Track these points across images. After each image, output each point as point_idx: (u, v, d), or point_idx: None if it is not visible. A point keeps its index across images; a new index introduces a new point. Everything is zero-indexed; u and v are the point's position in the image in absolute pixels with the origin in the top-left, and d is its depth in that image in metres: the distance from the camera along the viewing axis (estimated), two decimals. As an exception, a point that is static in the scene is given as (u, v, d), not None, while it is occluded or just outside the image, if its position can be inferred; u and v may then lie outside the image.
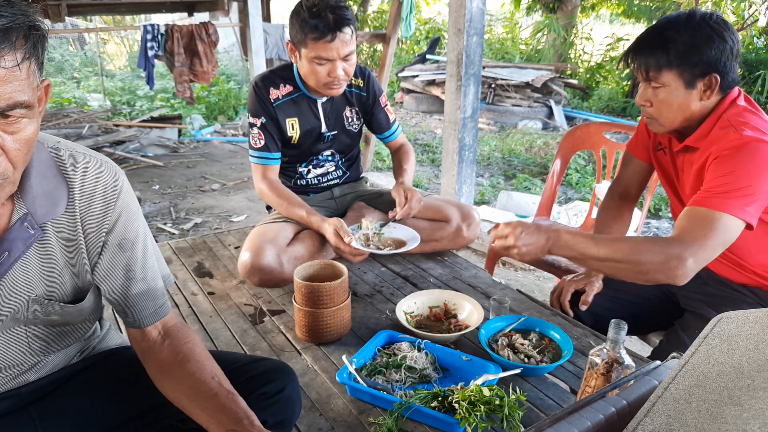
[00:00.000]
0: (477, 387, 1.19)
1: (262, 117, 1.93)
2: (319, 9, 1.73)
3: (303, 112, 1.97)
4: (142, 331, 1.06)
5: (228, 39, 10.78)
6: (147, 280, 1.05)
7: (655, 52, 1.35)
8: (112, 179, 0.98)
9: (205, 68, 5.72)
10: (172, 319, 1.10)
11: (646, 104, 1.43)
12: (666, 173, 1.61)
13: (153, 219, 4.26)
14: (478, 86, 3.22)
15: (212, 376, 0.99)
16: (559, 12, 9.96)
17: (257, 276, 1.80)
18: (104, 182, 0.97)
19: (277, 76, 1.95)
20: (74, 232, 0.96)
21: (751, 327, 0.68)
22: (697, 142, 1.42)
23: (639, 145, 1.69)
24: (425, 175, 5.47)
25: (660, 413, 0.66)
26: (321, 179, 2.14)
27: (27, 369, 1.03)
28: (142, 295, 1.04)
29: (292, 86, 1.95)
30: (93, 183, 0.96)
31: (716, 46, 1.31)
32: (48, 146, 0.94)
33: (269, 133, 1.95)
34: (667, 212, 4.37)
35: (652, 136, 1.63)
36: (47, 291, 0.96)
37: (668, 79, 1.36)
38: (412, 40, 11.27)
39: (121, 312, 1.06)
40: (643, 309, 1.65)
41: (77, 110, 6.38)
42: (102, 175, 0.97)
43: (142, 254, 1.04)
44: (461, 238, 2.07)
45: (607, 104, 8.64)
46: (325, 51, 1.76)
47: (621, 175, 1.77)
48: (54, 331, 1.02)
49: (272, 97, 1.93)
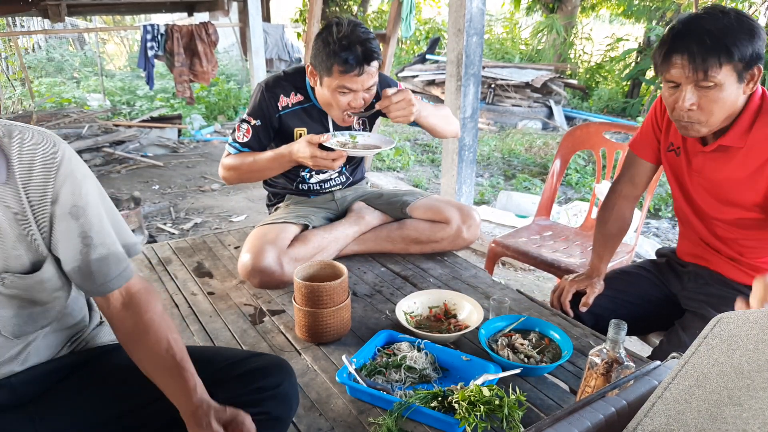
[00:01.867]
0: (477, 387, 1.19)
1: (259, 120, 1.92)
2: (350, 42, 1.71)
3: (313, 123, 1.96)
4: (106, 299, 1.06)
5: (228, 39, 10.78)
6: (107, 245, 1.03)
7: (713, 48, 1.26)
8: (51, 148, 0.97)
9: (205, 68, 5.72)
10: (136, 284, 1.09)
11: (693, 108, 1.33)
12: (677, 174, 1.59)
13: (153, 219, 4.26)
14: (478, 86, 3.22)
15: (167, 350, 1.02)
16: (559, 12, 9.96)
17: (258, 277, 1.80)
18: (43, 152, 0.96)
19: (289, 83, 1.93)
20: (20, 205, 0.95)
21: (751, 327, 0.68)
22: (737, 140, 1.38)
23: (645, 146, 1.66)
24: (425, 175, 5.47)
25: (660, 413, 0.66)
26: (323, 185, 2.13)
27: (10, 359, 1.03)
28: (103, 260, 1.03)
29: (303, 96, 1.94)
30: (31, 153, 0.95)
31: (758, 35, 1.27)
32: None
33: (258, 136, 1.93)
34: (667, 212, 4.38)
35: (663, 137, 1.60)
36: (4, 264, 0.96)
37: (724, 76, 1.28)
38: (412, 40, 11.27)
39: (85, 281, 1.04)
40: (643, 309, 1.65)
41: (77, 110, 6.38)
42: (40, 145, 0.96)
43: (98, 220, 1.03)
44: (461, 239, 2.07)
45: (607, 104, 8.64)
46: (350, 83, 1.76)
47: (623, 175, 1.74)
48: (24, 313, 1.02)
49: (281, 105, 1.91)
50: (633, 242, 2.36)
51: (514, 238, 2.42)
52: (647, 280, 1.71)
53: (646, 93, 8.59)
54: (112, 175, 5.27)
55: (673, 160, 1.59)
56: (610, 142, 2.46)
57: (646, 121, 1.64)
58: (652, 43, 8.44)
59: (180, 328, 1.65)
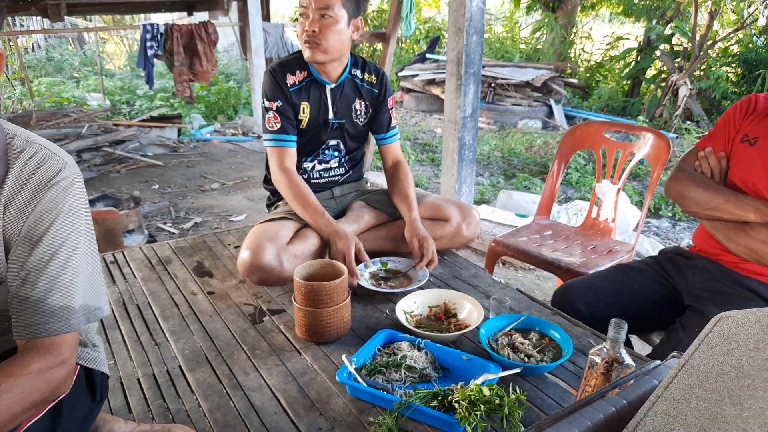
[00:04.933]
0: (477, 386, 1.19)
1: (279, 101, 1.93)
2: None
3: (313, 97, 1.99)
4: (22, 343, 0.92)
5: (228, 38, 10.78)
6: (38, 290, 0.90)
7: None
8: (52, 170, 0.90)
9: (205, 68, 5.71)
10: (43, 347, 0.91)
11: None
12: (743, 164, 1.56)
13: (153, 218, 4.25)
14: (478, 85, 3.22)
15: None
16: (559, 11, 9.95)
17: (257, 274, 1.80)
18: (42, 172, 0.89)
19: (293, 62, 1.96)
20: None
21: (751, 327, 0.68)
22: None
23: (719, 139, 1.64)
24: (425, 175, 5.47)
25: (660, 413, 0.66)
26: (323, 174, 2.13)
27: None
28: (25, 302, 0.90)
29: (306, 72, 1.97)
30: (30, 172, 0.89)
31: None
32: (9, 131, 0.91)
33: (285, 116, 1.94)
34: (667, 211, 4.37)
35: (741, 127, 1.58)
36: None
37: None
38: (412, 40, 11.26)
39: (13, 315, 0.92)
40: (644, 307, 1.65)
41: (77, 110, 6.37)
42: (43, 166, 0.90)
43: (53, 261, 0.90)
44: (461, 237, 2.07)
45: (607, 103, 8.64)
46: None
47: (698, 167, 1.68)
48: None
49: (289, 82, 1.94)
50: (633, 242, 2.36)
51: (515, 238, 2.42)
52: (649, 274, 1.70)
53: (646, 92, 8.59)
54: (111, 175, 5.27)
55: (743, 150, 1.56)
56: (610, 141, 2.46)
57: (727, 115, 1.62)
58: (652, 42, 8.44)
59: (180, 327, 1.66)
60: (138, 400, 1.36)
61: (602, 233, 2.44)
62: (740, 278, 1.54)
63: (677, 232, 4.09)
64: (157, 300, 1.82)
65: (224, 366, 1.47)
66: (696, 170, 1.65)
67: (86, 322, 0.96)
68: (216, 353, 1.52)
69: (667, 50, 8.09)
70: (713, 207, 1.55)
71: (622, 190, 2.44)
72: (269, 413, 1.29)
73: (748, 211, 1.47)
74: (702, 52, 7.47)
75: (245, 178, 5.21)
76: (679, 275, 1.67)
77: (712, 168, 1.62)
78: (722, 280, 1.56)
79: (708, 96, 7.74)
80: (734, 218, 1.51)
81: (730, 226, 1.54)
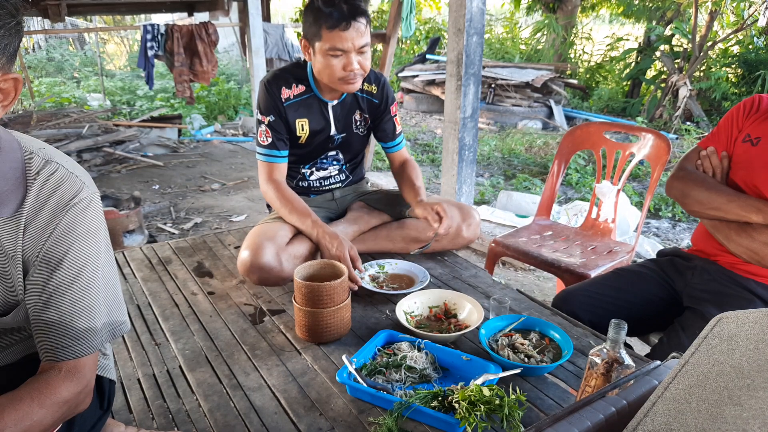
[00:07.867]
0: (477, 387, 1.19)
1: (271, 115, 1.90)
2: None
3: (313, 113, 1.95)
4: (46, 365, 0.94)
5: (228, 39, 10.78)
6: (62, 313, 0.90)
7: None
8: (71, 191, 0.90)
9: (205, 68, 5.71)
10: (68, 369, 0.92)
11: None
12: (744, 164, 1.56)
13: (153, 219, 4.25)
14: (478, 86, 3.22)
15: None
16: (559, 12, 9.96)
17: (256, 274, 1.80)
18: (61, 193, 0.89)
19: (290, 75, 1.93)
20: (14, 244, 0.88)
21: (751, 327, 0.68)
22: None
23: (721, 139, 1.64)
24: (425, 175, 5.47)
25: (660, 413, 0.66)
26: (323, 182, 2.13)
27: None
28: (50, 325, 0.90)
29: (304, 87, 1.93)
30: (48, 194, 0.89)
31: None
32: (27, 149, 0.90)
33: (277, 131, 1.92)
34: (667, 212, 4.37)
35: (743, 127, 1.58)
36: None
37: None
38: (412, 40, 11.26)
39: (36, 339, 0.93)
40: (644, 309, 1.65)
41: (77, 110, 6.37)
42: (62, 186, 0.89)
43: (75, 287, 0.91)
44: (461, 238, 2.07)
45: (607, 104, 8.65)
46: (339, 41, 1.74)
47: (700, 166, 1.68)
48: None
49: (283, 97, 1.91)
50: (633, 242, 2.36)
51: (515, 238, 2.42)
52: (649, 278, 1.70)
53: (646, 93, 8.60)
54: (112, 175, 5.27)
55: (744, 150, 1.56)
56: (610, 142, 2.46)
57: (731, 114, 1.62)
58: (652, 43, 8.44)
59: (180, 328, 1.66)
60: (138, 400, 1.36)
61: (602, 234, 2.44)
62: (739, 279, 1.54)
63: (677, 232, 4.09)
64: (158, 300, 1.83)
65: (224, 366, 1.47)
66: (698, 169, 1.65)
67: (110, 339, 0.99)
68: (216, 353, 1.52)
69: (667, 51, 8.09)
70: (715, 207, 1.54)
71: (622, 190, 2.44)
72: (269, 413, 1.29)
73: (751, 212, 1.47)
74: (702, 53, 7.48)
75: (245, 178, 5.21)
76: (679, 277, 1.67)
77: (713, 167, 1.62)
78: (721, 281, 1.56)
79: (708, 97, 7.75)
80: (736, 218, 1.51)
81: (732, 226, 1.54)
